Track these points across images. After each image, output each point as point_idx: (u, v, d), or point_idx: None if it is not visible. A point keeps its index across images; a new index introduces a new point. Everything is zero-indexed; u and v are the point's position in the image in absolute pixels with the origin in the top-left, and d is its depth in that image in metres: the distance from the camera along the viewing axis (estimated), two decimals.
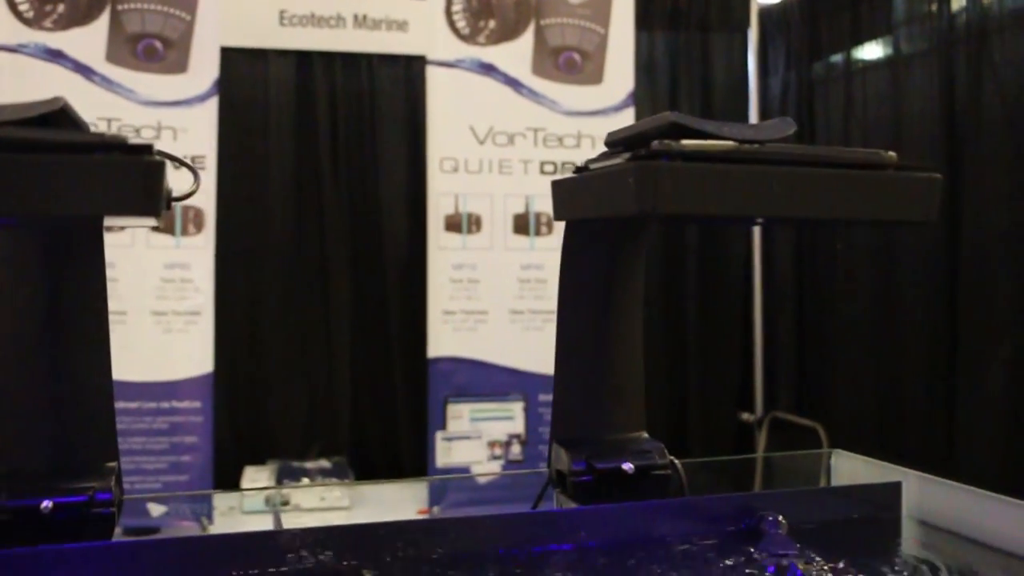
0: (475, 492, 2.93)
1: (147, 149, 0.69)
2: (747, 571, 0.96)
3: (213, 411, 3.21)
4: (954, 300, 3.20)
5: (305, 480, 3.34)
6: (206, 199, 3.16)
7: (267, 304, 3.52)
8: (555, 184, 0.98)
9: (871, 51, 3.46)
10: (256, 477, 3.38)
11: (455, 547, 0.99)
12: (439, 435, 3.23)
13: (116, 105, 3.03)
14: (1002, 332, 3.03)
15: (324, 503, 2.63)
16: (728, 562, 0.98)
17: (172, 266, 3.19)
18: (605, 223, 1.05)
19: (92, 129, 0.87)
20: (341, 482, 3.28)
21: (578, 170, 0.92)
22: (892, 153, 0.77)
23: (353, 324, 3.53)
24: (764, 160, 0.76)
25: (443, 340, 3.25)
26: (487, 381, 3.21)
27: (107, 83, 3.02)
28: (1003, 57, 2.92)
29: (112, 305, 3.18)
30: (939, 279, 3.24)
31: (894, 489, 1.10)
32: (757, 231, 3.70)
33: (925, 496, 1.10)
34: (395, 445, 3.54)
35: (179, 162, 0.85)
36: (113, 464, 1.04)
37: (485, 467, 3.20)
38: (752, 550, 1.00)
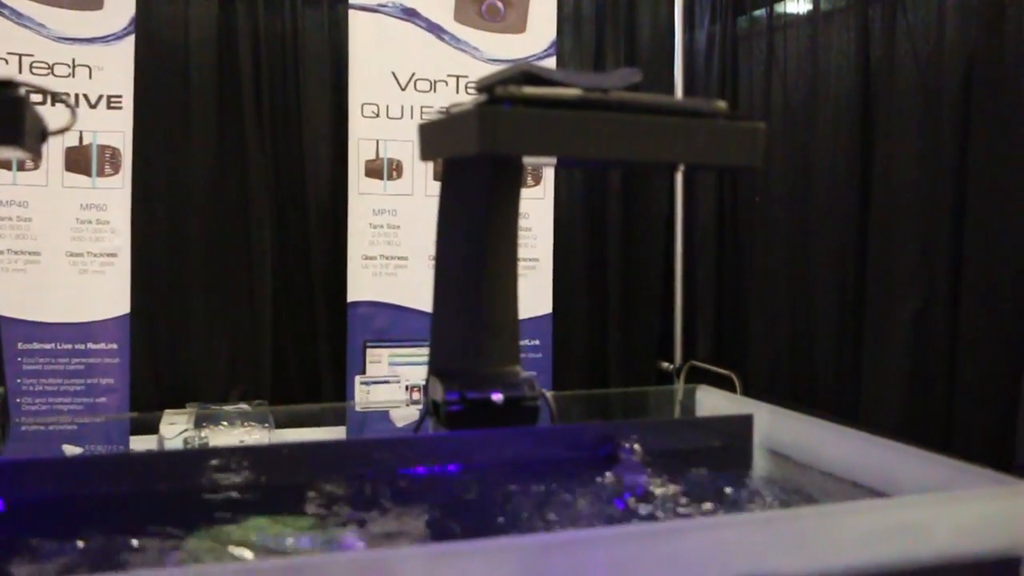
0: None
1: (10, 84, 0.74)
2: (600, 492, 1.05)
3: (130, 354, 3.24)
4: (864, 254, 3.33)
5: (224, 424, 3.39)
6: (123, 140, 3.16)
7: (187, 247, 3.53)
8: (420, 127, 1.04)
9: (793, 7, 3.55)
10: (175, 420, 3.41)
11: (324, 468, 1.06)
12: (358, 379, 3.30)
13: (30, 40, 3.01)
14: (908, 286, 3.16)
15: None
16: (583, 484, 1.07)
17: (88, 207, 3.19)
18: (479, 165, 1.12)
19: None
20: (262, 410, 3.33)
21: (441, 114, 0.98)
22: (722, 103, 0.85)
23: (275, 267, 3.56)
24: (601, 107, 0.83)
25: (363, 285, 3.31)
26: (406, 326, 3.27)
27: (17, 16, 2.99)
28: (915, 15, 3.02)
29: (26, 245, 3.17)
30: (851, 233, 3.37)
31: (746, 421, 1.19)
32: (679, 182, 3.79)
33: (775, 427, 1.19)
34: (316, 389, 3.59)
35: (53, 97, 0.89)
36: (0, 390, 1.09)
37: (403, 411, 3.27)
38: (607, 473, 1.09)
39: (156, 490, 1.02)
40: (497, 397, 1.16)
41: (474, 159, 1.06)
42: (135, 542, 0.89)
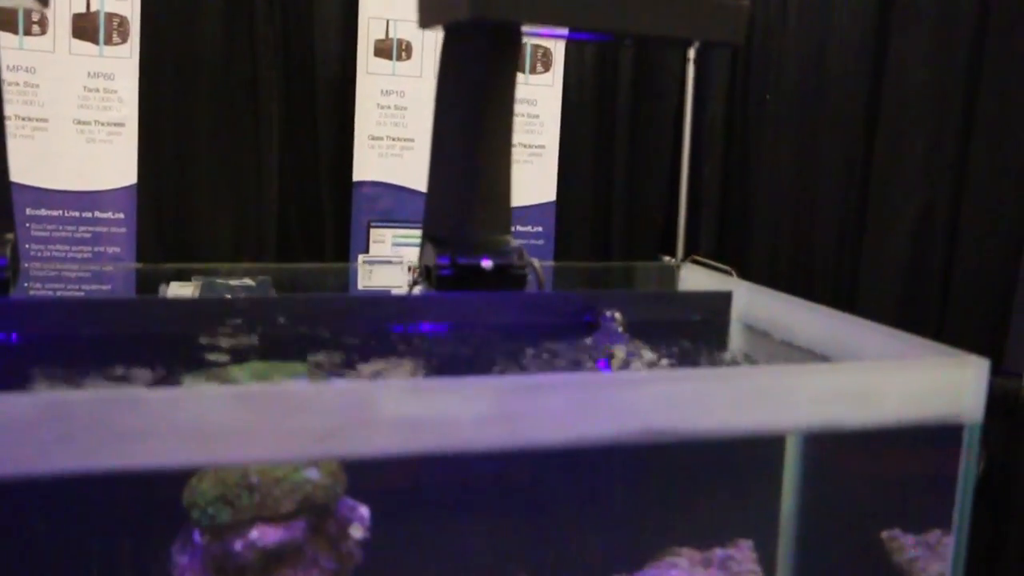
0: None
1: None
2: (578, 354, 1.12)
3: (136, 224, 3.30)
4: (870, 154, 3.35)
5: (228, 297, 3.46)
6: (131, 9, 3.16)
7: (194, 120, 3.56)
8: None
9: None
10: (179, 293, 3.49)
11: (321, 321, 1.12)
12: (361, 258, 3.36)
13: None
14: (912, 188, 3.19)
15: None
16: (563, 347, 1.13)
17: (96, 75, 3.21)
18: (476, 34, 1.15)
19: None
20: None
21: None
22: None
23: (281, 144, 3.59)
24: None
25: (369, 165, 3.35)
26: (410, 207, 3.32)
27: None
28: None
29: (33, 112, 3.21)
30: (858, 133, 3.39)
31: (725, 297, 1.25)
32: (690, 77, 3.78)
33: (754, 304, 1.25)
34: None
35: None
36: (10, 236, 1.15)
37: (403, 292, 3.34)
38: (587, 340, 1.15)
39: (158, 335, 1.09)
40: (486, 263, 1.21)
41: (471, 28, 1.09)
42: (133, 377, 0.96)
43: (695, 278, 1.37)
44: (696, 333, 1.21)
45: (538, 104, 3.43)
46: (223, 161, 3.60)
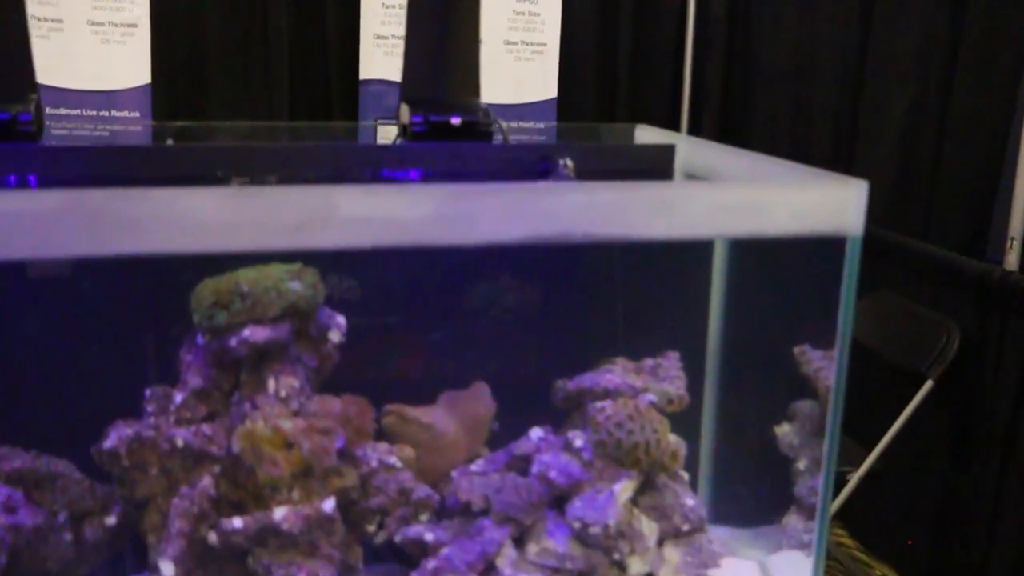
0: None
1: None
2: None
3: (152, 121, 3.48)
4: (864, 50, 3.46)
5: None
6: None
7: (205, 20, 3.70)
8: None
9: None
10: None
11: (309, 166, 1.31)
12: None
13: None
14: (904, 80, 3.31)
15: None
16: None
17: None
18: None
19: None
20: None
21: None
22: None
23: (291, 44, 3.73)
24: None
25: (375, 64, 3.49)
26: None
27: None
28: None
29: (48, 12, 3.38)
30: (854, 27, 3.50)
31: (669, 150, 1.42)
32: None
33: (695, 155, 1.42)
34: None
35: None
36: (34, 96, 1.34)
37: None
38: (540, 183, 1.33)
39: (168, 176, 1.27)
40: (456, 120, 1.38)
41: None
42: None
43: (648, 136, 1.53)
44: (642, 179, 1.37)
45: (539, 2, 3.55)
46: (234, 61, 3.76)
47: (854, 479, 2.93)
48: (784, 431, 1.43)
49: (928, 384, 2.89)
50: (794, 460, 1.42)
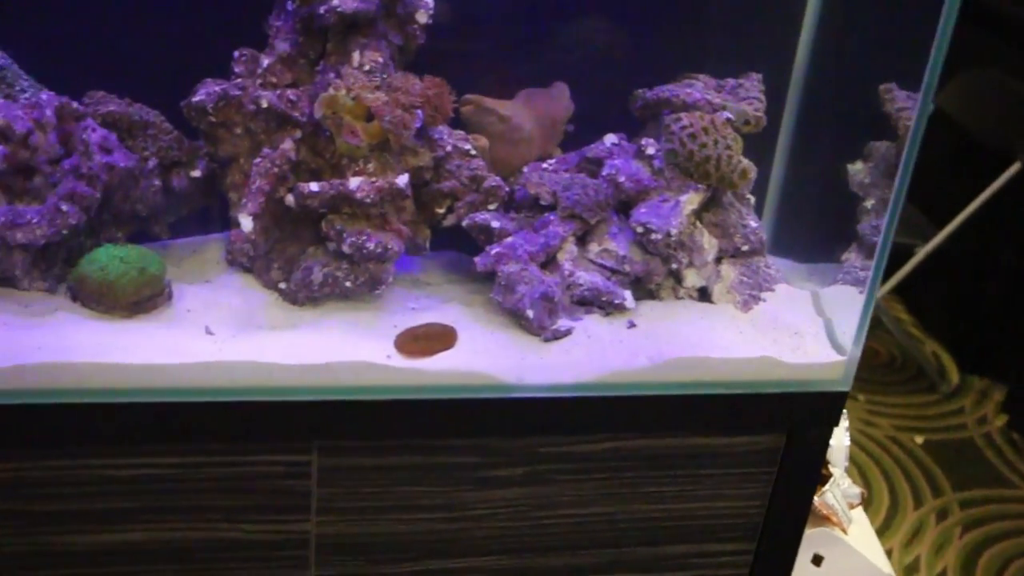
0: None
1: None
2: None
3: None
4: None
5: None
6: None
7: None
8: None
9: None
10: None
11: None
12: None
13: None
14: None
15: None
16: None
17: None
18: None
19: None
20: None
21: None
22: None
23: None
24: None
25: None
26: None
27: None
28: None
29: None
30: None
31: None
32: None
33: None
34: None
35: None
36: None
37: None
38: None
39: None
40: None
41: None
42: None
43: None
44: None
45: None
46: None
47: (920, 254, 2.95)
48: (857, 168, 1.44)
49: (1016, 166, 2.83)
50: (862, 198, 1.44)
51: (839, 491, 1.59)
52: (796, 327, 1.33)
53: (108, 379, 1.10)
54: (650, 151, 1.32)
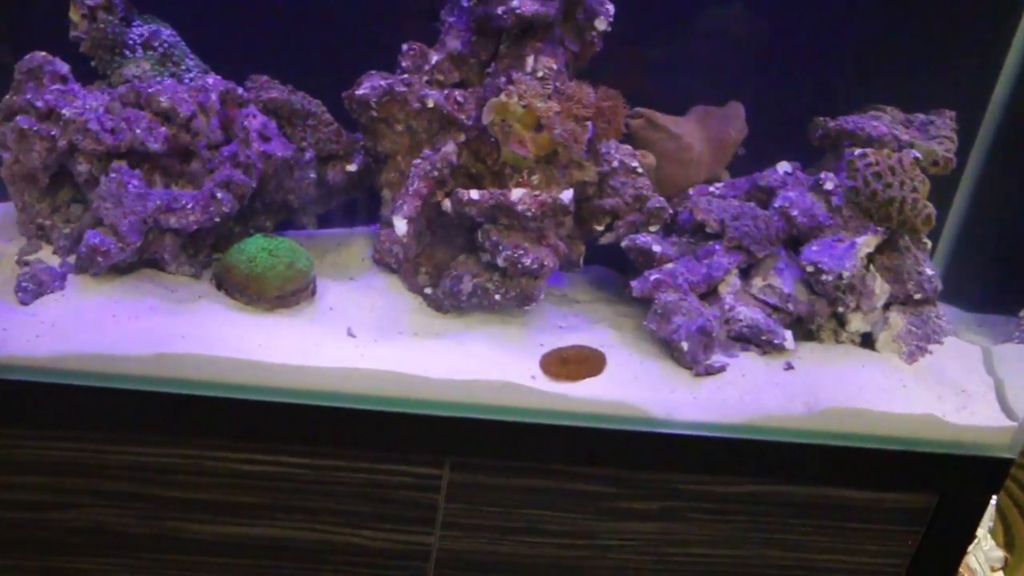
0: None
1: None
2: None
3: None
4: None
5: None
6: None
7: None
8: None
9: None
10: None
11: None
12: None
13: None
14: None
15: None
16: None
17: None
18: None
19: None
20: None
21: None
22: None
23: None
24: None
25: None
26: None
27: None
28: None
29: None
30: None
31: None
32: None
33: None
34: None
35: None
36: None
37: None
38: None
39: None
40: None
41: None
42: None
43: None
44: None
45: None
46: None
47: None
48: None
49: None
50: None
51: (982, 554, 1.50)
52: (963, 385, 1.25)
53: (248, 376, 1.08)
54: (828, 186, 1.24)
